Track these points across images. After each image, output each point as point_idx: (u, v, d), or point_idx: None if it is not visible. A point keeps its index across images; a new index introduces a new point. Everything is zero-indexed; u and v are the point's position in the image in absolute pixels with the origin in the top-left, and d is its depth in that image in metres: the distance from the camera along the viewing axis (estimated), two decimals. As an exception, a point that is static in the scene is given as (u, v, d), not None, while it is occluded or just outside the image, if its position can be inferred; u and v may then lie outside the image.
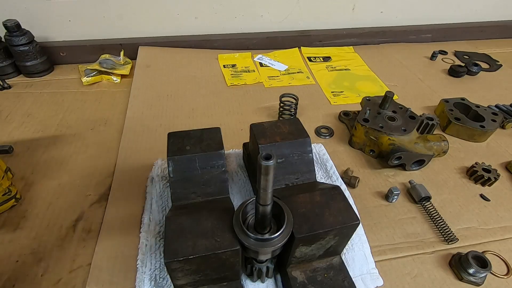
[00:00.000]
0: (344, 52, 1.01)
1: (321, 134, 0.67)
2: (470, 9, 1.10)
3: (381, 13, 1.05)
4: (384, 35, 1.05)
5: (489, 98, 0.81)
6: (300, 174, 0.45)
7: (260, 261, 0.37)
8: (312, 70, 0.91)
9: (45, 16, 0.84)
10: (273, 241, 0.32)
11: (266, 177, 0.27)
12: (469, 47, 1.06)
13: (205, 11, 0.94)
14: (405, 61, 0.97)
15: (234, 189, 0.53)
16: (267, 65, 0.92)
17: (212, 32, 0.98)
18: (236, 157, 0.58)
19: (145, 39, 0.94)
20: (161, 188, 0.52)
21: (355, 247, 0.45)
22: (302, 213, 0.36)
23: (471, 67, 0.90)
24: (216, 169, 0.42)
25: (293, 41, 1.00)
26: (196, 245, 0.33)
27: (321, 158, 0.59)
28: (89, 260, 0.43)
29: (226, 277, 0.38)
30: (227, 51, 0.96)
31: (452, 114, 0.69)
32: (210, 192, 0.42)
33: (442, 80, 0.90)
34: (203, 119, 0.71)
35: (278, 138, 0.44)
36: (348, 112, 0.72)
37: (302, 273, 0.40)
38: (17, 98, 0.75)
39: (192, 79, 0.84)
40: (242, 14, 0.96)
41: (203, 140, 0.44)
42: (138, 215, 0.49)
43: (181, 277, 0.35)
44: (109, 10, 0.87)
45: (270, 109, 0.74)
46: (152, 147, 0.62)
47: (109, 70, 0.82)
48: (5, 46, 0.79)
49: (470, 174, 0.59)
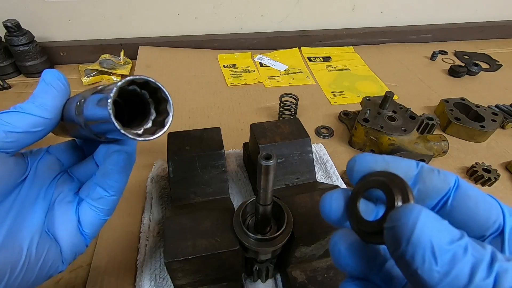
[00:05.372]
0: (344, 52, 1.01)
1: (321, 134, 0.67)
2: (470, 9, 1.10)
3: (381, 13, 1.05)
4: (384, 35, 1.05)
5: (489, 98, 0.81)
6: (300, 174, 0.45)
7: (260, 261, 0.37)
8: (312, 70, 0.91)
9: (45, 16, 0.84)
10: (273, 241, 0.32)
11: (266, 177, 0.27)
12: (469, 47, 1.06)
13: (205, 11, 0.94)
14: (405, 61, 0.97)
15: (234, 189, 0.53)
16: (267, 65, 0.92)
17: (212, 32, 0.98)
18: (236, 157, 0.58)
19: (145, 39, 0.94)
20: (161, 188, 0.52)
21: (355, 247, 0.45)
22: (302, 213, 0.36)
23: (471, 67, 0.90)
24: (216, 169, 0.42)
25: (293, 41, 1.00)
26: (196, 245, 0.33)
27: (321, 158, 0.59)
28: (89, 260, 0.43)
29: (226, 277, 0.38)
30: (227, 51, 0.96)
31: (452, 114, 0.69)
32: (210, 192, 0.42)
33: (442, 80, 0.90)
34: (203, 119, 0.71)
35: (278, 138, 0.44)
36: (348, 112, 0.72)
37: (302, 273, 0.40)
38: (17, 98, 0.75)
39: (192, 79, 0.84)
40: (242, 14, 0.96)
41: (203, 140, 0.44)
42: (138, 215, 0.49)
43: (181, 277, 0.35)
44: (109, 10, 0.87)
45: (270, 109, 0.74)
46: (152, 147, 0.62)
47: (109, 70, 0.82)
48: (5, 46, 0.79)
49: (470, 174, 0.59)
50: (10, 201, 0.25)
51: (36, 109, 0.24)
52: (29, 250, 0.24)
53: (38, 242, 0.25)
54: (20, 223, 0.25)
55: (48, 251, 0.26)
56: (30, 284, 0.25)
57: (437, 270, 0.13)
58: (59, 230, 0.27)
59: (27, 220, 0.25)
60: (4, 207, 0.24)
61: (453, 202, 0.19)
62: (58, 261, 0.27)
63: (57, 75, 0.26)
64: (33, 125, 0.24)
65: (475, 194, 0.19)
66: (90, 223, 0.28)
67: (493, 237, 0.18)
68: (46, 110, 0.25)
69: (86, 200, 0.28)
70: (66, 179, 0.30)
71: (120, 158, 0.27)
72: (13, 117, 0.24)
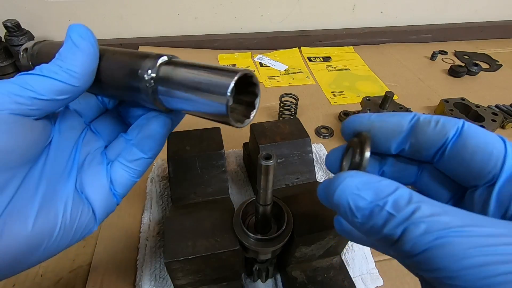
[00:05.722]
0: (344, 52, 1.01)
1: (321, 134, 0.67)
2: (470, 9, 1.10)
3: (381, 13, 1.05)
4: (384, 35, 1.05)
5: (489, 98, 0.81)
6: (300, 174, 0.45)
7: (260, 261, 0.37)
8: (312, 70, 0.91)
9: (45, 16, 0.84)
10: (273, 241, 0.32)
11: (266, 177, 0.27)
12: (469, 47, 1.06)
13: (205, 11, 0.94)
14: (405, 61, 0.97)
15: (234, 189, 0.53)
16: (267, 65, 0.92)
17: (212, 32, 0.98)
18: (236, 157, 0.58)
19: (145, 39, 0.94)
20: (161, 188, 0.52)
21: (355, 247, 0.45)
22: (302, 213, 0.36)
23: (471, 67, 0.90)
24: (216, 169, 0.42)
25: (293, 41, 1.00)
26: (196, 245, 0.33)
27: (321, 158, 0.59)
28: (89, 260, 0.43)
29: (226, 277, 0.38)
30: (227, 51, 0.96)
31: (452, 114, 0.69)
32: (210, 192, 0.42)
33: (442, 80, 0.90)
34: (203, 119, 0.70)
35: (278, 138, 0.44)
36: (348, 112, 0.72)
37: (302, 273, 0.40)
38: (17, 98, 0.75)
39: (192, 79, 0.84)
40: (242, 14, 0.96)
41: (203, 140, 0.44)
42: (138, 215, 0.49)
43: (181, 277, 0.35)
44: (109, 10, 0.87)
45: (270, 109, 0.74)
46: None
47: (109, 70, 0.82)
48: (5, 46, 0.79)
49: (470, 174, 0.59)
50: (40, 167, 0.24)
51: (64, 75, 0.22)
52: (64, 214, 0.24)
53: (72, 206, 0.24)
54: (53, 189, 0.24)
55: (82, 213, 0.25)
56: (65, 246, 0.24)
57: (357, 221, 0.17)
58: (92, 192, 0.26)
59: (59, 185, 0.24)
60: (36, 173, 0.23)
61: (449, 153, 0.20)
62: (92, 222, 0.26)
63: (87, 35, 0.23)
64: (60, 93, 0.22)
65: (476, 144, 0.19)
66: (123, 184, 0.28)
67: (486, 186, 0.19)
68: (74, 77, 0.22)
69: (120, 161, 0.28)
70: (91, 138, 0.28)
71: (167, 121, 0.27)
72: (38, 82, 0.21)
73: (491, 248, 0.14)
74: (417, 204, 0.15)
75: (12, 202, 0.21)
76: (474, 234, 0.14)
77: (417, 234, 0.15)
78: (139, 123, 0.28)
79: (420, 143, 0.20)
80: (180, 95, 0.23)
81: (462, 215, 0.15)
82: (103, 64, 0.25)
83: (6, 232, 0.20)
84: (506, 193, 0.18)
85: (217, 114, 0.22)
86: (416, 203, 0.15)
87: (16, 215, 0.21)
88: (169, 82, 0.23)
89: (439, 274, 0.14)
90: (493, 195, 0.18)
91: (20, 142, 0.21)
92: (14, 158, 0.21)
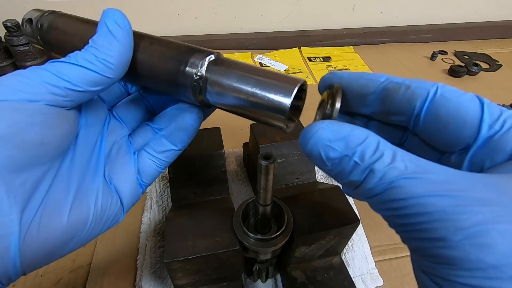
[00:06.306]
0: (344, 52, 1.01)
1: (321, 134, 0.67)
2: (470, 9, 1.10)
3: (381, 13, 1.05)
4: (384, 35, 1.05)
5: (489, 98, 0.80)
6: (300, 174, 0.45)
7: (260, 261, 0.37)
8: (312, 70, 0.91)
9: (45, 16, 0.84)
10: (273, 241, 0.32)
11: (266, 177, 0.27)
12: (469, 47, 1.06)
13: (205, 11, 0.94)
14: (405, 61, 0.97)
15: (234, 189, 0.53)
16: (267, 65, 0.92)
17: (212, 32, 0.98)
18: (236, 157, 0.58)
19: (145, 39, 0.94)
20: (161, 188, 0.52)
21: (355, 247, 0.45)
22: (302, 213, 0.36)
23: (471, 67, 0.90)
24: (216, 169, 0.42)
25: (293, 41, 1.00)
26: (196, 245, 0.33)
27: (321, 158, 0.59)
28: (89, 260, 0.43)
29: (227, 277, 0.38)
30: (227, 51, 0.96)
31: (452, 114, 0.69)
32: (210, 192, 0.42)
33: (442, 80, 0.89)
34: (203, 119, 0.70)
35: (278, 138, 0.44)
36: (348, 112, 0.72)
37: (302, 273, 0.40)
38: (17, 98, 0.75)
39: (192, 79, 0.84)
40: (242, 14, 0.96)
41: (203, 140, 0.44)
42: (138, 215, 0.49)
43: (181, 277, 0.35)
44: (109, 10, 0.87)
45: (270, 109, 0.74)
46: (152, 147, 0.62)
47: (109, 70, 0.82)
48: (5, 46, 0.79)
49: (470, 174, 0.59)
50: (69, 158, 0.23)
51: (99, 65, 0.21)
52: (96, 206, 0.24)
53: (103, 197, 0.24)
54: (84, 180, 0.24)
55: (111, 204, 0.25)
56: (94, 236, 0.24)
57: (328, 168, 0.18)
58: (120, 182, 0.26)
59: (89, 176, 0.24)
60: (67, 165, 0.23)
61: (423, 121, 0.20)
62: (120, 212, 0.27)
63: (123, 23, 0.22)
64: (94, 84, 0.21)
65: (448, 113, 0.19)
66: (150, 174, 0.28)
67: (460, 152, 0.19)
68: (110, 68, 0.21)
69: (148, 151, 0.27)
70: (115, 125, 0.28)
71: (201, 114, 0.27)
72: (72, 72, 0.20)
73: (432, 192, 0.15)
74: (381, 152, 0.16)
75: (48, 195, 0.21)
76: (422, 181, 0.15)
77: (374, 181, 0.16)
78: (169, 113, 0.27)
79: (387, 108, 0.21)
80: (233, 98, 0.22)
81: (419, 163, 0.16)
82: (139, 55, 0.24)
83: (43, 226, 0.20)
84: (478, 158, 0.18)
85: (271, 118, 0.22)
86: (381, 151, 0.16)
87: (52, 208, 0.21)
88: (222, 85, 0.22)
89: (390, 213, 0.17)
90: (466, 160, 0.19)
91: (56, 133, 0.21)
92: (50, 151, 0.21)
